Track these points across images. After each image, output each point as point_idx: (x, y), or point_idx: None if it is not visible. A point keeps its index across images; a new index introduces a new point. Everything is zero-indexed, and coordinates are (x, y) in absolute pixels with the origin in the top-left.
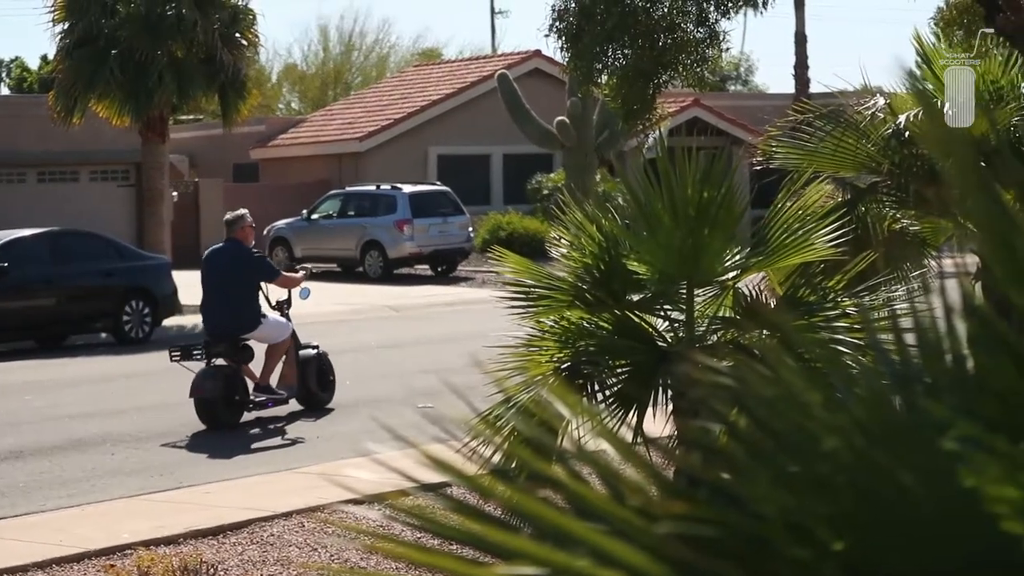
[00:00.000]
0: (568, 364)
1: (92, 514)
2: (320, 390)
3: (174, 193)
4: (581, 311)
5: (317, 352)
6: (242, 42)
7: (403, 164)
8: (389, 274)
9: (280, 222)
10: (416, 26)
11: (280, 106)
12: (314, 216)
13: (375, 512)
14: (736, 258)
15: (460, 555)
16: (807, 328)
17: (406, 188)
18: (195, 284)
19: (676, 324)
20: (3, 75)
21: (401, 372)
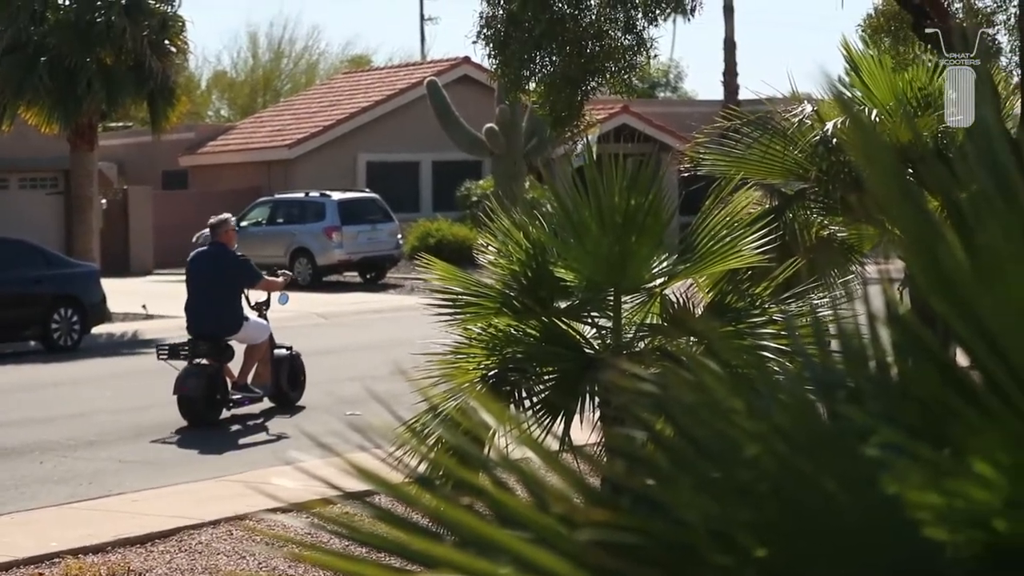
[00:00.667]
0: (495, 371)
1: (21, 522)
2: (290, 389)
3: (103, 200)
4: (508, 318)
5: (290, 353)
6: (171, 49)
7: (332, 171)
8: (318, 281)
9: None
10: (346, 33)
11: (209, 113)
12: (243, 223)
13: (301, 520)
14: (663, 265)
15: (386, 563)
16: (733, 335)
17: (335, 195)
18: (123, 291)
19: (603, 331)
20: None
21: (330, 380)
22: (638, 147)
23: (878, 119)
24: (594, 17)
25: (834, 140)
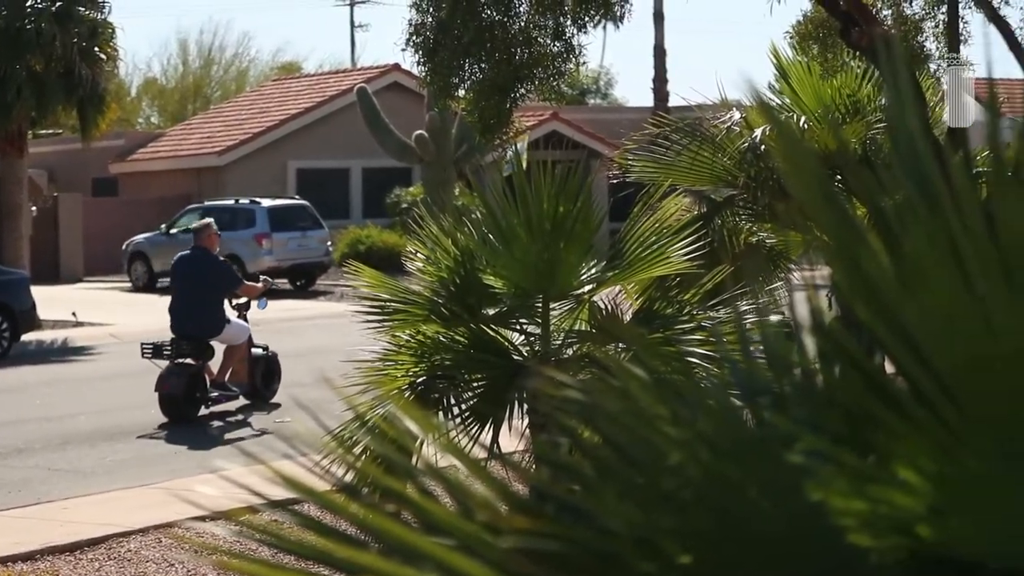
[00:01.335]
0: (424, 379)
1: None
2: (264, 387)
3: (33, 208)
4: (437, 325)
5: (266, 353)
6: (101, 56)
7: (262, 178)
8: None
9: (139, 236)
10: (276, 40)
11: (140, 120)
12: (173, 230)
13: (229, 529)
14: (592, 271)
15: (314, 572)
16: (661, 342)
17: (265, 202)
18: (54, 299)
19: (532, 338)
20: None
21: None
22: (567, 154)
23: (807, 126)
24: (523, 24)
25: (762, 147)
